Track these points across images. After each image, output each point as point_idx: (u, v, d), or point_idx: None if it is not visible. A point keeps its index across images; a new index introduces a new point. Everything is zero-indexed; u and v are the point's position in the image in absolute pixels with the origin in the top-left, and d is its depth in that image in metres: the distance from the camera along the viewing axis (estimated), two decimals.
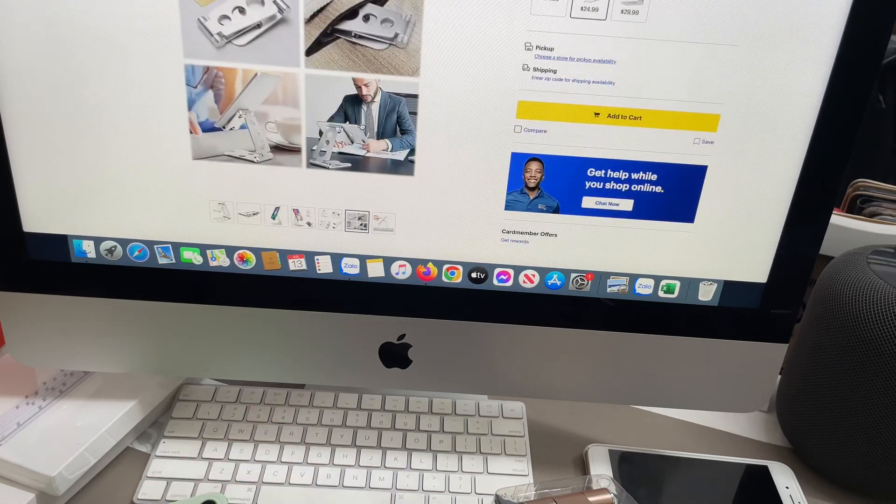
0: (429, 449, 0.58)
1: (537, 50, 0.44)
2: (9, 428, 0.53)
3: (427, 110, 0.46)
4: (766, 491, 0.57)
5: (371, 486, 0.54)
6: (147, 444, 0.58)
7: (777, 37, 0.43)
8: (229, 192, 0.48)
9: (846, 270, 0.56)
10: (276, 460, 0.56)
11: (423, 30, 0.44)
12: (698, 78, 0.45)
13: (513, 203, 0.49)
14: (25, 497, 0.50)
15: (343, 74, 0.45)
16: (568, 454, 0.60)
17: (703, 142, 0.46)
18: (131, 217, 0.49)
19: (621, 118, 0.46)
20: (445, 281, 0.52)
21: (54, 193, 0.49)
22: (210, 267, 0.51)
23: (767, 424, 0.65)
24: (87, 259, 0.51)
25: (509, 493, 0.53)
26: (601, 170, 0.47)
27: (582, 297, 0.52)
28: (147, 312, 0.53)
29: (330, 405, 0.61)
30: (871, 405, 0.54)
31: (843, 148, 0.46)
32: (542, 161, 0.47)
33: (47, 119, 0.46)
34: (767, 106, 0.45)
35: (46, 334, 0.54)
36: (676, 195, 0.48)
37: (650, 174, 0.47)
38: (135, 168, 0.48)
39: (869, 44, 0.44)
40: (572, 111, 0.46)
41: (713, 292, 0.51)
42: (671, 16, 0.43)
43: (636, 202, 0.48)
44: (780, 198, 0.48)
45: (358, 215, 0.49)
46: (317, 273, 0.51)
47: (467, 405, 0.62)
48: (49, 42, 0.44)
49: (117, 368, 0.56)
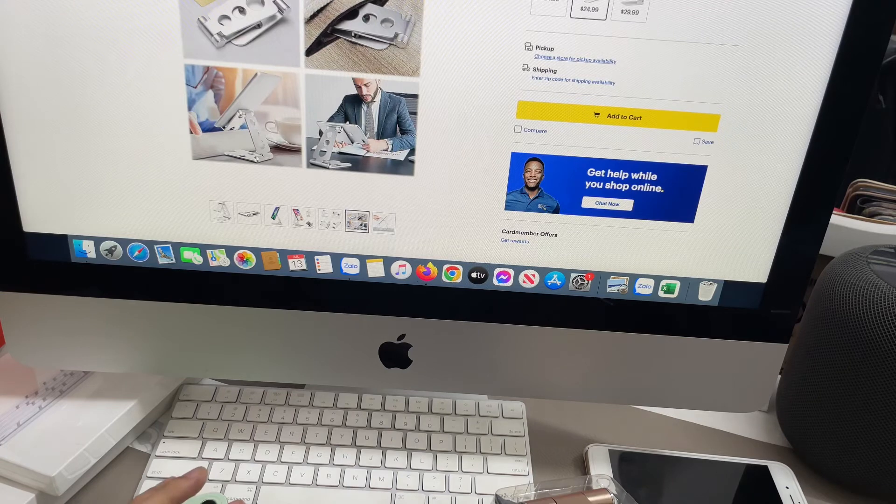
0: (429, 449, 0.58)
1: (537, 50, 0.44)
2: (9, 428, 0.53)
3: (427, 110, 0.46)
4: (766, 491, 0.57)
5: (371, 486, 0.54)
6: (147, 444, 0.58)
7: (777, 37, 0.43)
8: (229, 192, 0.48)
9: (846, 270, 0.56)
10: (276, 460, 0.56)
11: (423, 30, 0.44)
12: (698, 78, 0.45)
13: (513, 203, 0.49)
14: (25, 497, 0.50)
15: (343, 74, 0.45)
16: (568, 454, 0.60)
17: (703, 142, 0.46)
18: (131, 217, 0.49)
19: (621, 118, 0.46)
20: (445, 281, 0.52)
21: (54, 193, 0.49)
22: (210, 267, 0.51)
23: (767, 424, 0.65)
24: (87, 259, 0.51)
25: (509, 493, 0.53)
26: (601, 170, 0.47)
27: (582, 297, 0.52)
28: (147, 312, 0.53)
29: (330, 405, 0.61)
30: (871, 405, 0.53)
31: (843, 148, 0.46)
32: (542, 161, 0.47)
33: (47, 119, 0.46)
34: (767, 106, 0.45)
35: (46, 334, 0.54)
36: (676, 195, 0.48)
37: (650, 174, 0.47)
38: (135, 168, 0.48)
39: (869, 44, 0.44)
40: (572, 111, 0.46)
41: (713, 292, 0.51)
42: (671, 16, 0.43)
43: (636, 202, 0.48)
44: (780, 198, 0.48)
45: (358, 215, 0.49)
46: (317, 273, 0.51)
47: (467, 405, 0.62)
48: (49, 42, 0.44)
49: (117, 368, 0.56)
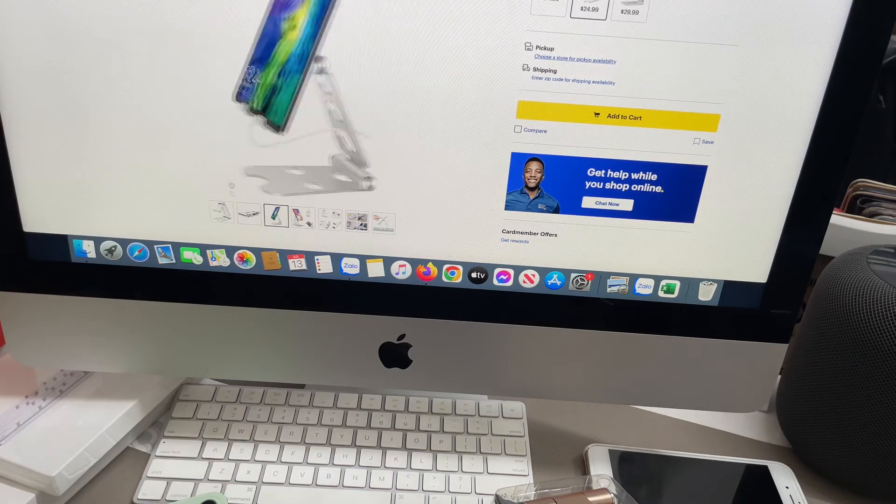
0: (429, 449, 0.58)
1: (537, 50, 0.44)
2: (9, 428, 0.53)
3: (427, 110, 0.46)
4: (766, 491, 0.57)
5: (371, 486, 0.54)
6: (147, 444, 0.58)
7: (777, 37, 0.43)
8: (229, 192, 0.48)
9: (846, 270, 0.56)
10: (276, 460, 0.56)
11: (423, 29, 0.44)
12: (698, 78, 0.45)
13: (513, 203, 0.49)
14: (25, 497, 0.50)
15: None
16: (568, 454, 0.60)
17: (703, 142, 0.46)
18: (131, 217, 0.49)
19: (621, 118, 0.46)
20: (445, 281, 0.52)
21: (54, 193, 0.49)
22: (210, 267, 0.51)
23: (767, 424, 0.65)
24: (87, 259, 0.51)
25: (509, 493, 0.53)
26: (601, 170, 0.47)
27: (582, 297, 0.52)
28: (147, 312, 0.53)
29: (330, 405, 0.61)
30: (870, 405, 0.53)
31: (843, 148, 0.46)
32: (542, 161, 0.47)
33: (47, 119, 0.46)
34: (767, 106, 0.45)
35: (46, 334, 0.54)
36: (676, 195, 0.48)
37: (650, 174, 0.47)
38: (135, 168, 0.48)
39: (869, 44, 0.44)
40: (572, 111, 0.46)
41: (713, 292, 0.51)
42: (671, 16, 0.43)
43: (636, 202, 0.48)
44: (780, 198, 0.48)
45: (358, 215, 0.49)
46: (317, 273, 0.51)
47: (467, 405, 0.62)
48: (49, 41, 0.44)
49: (117, 368, 0.56)
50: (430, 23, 0.43)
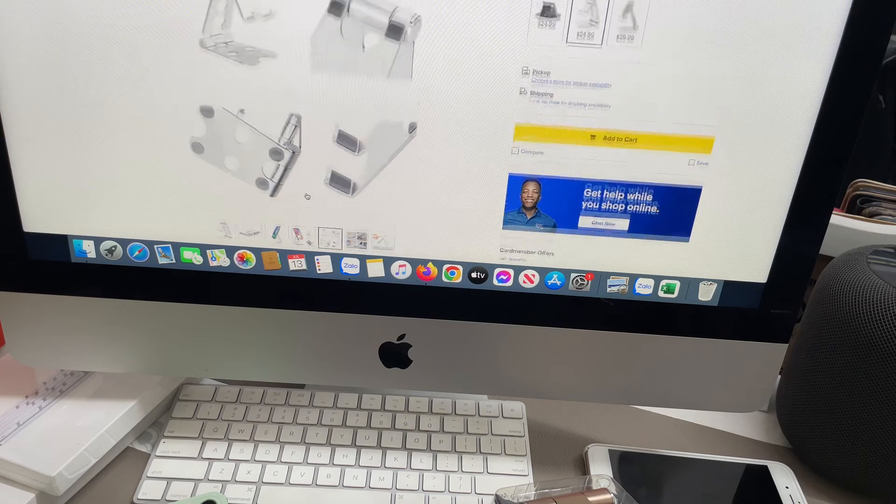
0: (429, 449, 0.58)
1: (534, 74, 0.44)
2: (9, 428, 0.53)
3: (426, 132, 0.46)
4: (766, 491, 0.57)
5: (371, 486, 0.54)
6: (147, 444, 0.58)
7: (774, 45, 0.43)
8: (230, 212, 0.49)
9: (846, 270, 0.56)
10: (276, 460, 0.56)
11: (423, 53, 0.44)
12: (692, 101, 0.45)
13: (510, 222, 0.49)
14: (25, 497, 0.50)
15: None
16: (568, 454, 0.60)
17: (698, 163, 0.47)
18: (131, 217, 0.49)
19: (617, 140, 0.46)
20: (445, 281, 0.52)
21: (54, 193, 0.49)
22: (210, 267, 0.51)
23: (767, 424, 0.66)
24: (87, 259, 0.51)
25: (509, 493, 0.53)
26: (597, 190, 0.48)
27: (582, 297, 0.52)
28: (147, 312, 0.53)
29: (330, 405, 0.61)
30: (870, 405, 0.54)
31: (843, 148, 0.46)
32: (539, 182, 0.47)
33: (47, 119, 0.46)
34: (765, 117, 0.45)
35: (46, 334, 0.54)
36: (672, 215, 0.48)
37: (646, 194, 0.48)
38: (135, 168, 0.48)
39: (869, 44, 0.44)
40: (568, 134, 0.46)
41: (713, 292, 0.51)
42: (665, 41, 0.43)
43: (632, 221, 0.49)
44: (780, 198, 0.48)
45: (357, 234, 0.49)
46: (317, 273, 0.51)
47: (467, 405, 0.62)
48: (49, 41, 0.44)
49: (117, 368, 0.56)
50: (428, 48, 0.44)
